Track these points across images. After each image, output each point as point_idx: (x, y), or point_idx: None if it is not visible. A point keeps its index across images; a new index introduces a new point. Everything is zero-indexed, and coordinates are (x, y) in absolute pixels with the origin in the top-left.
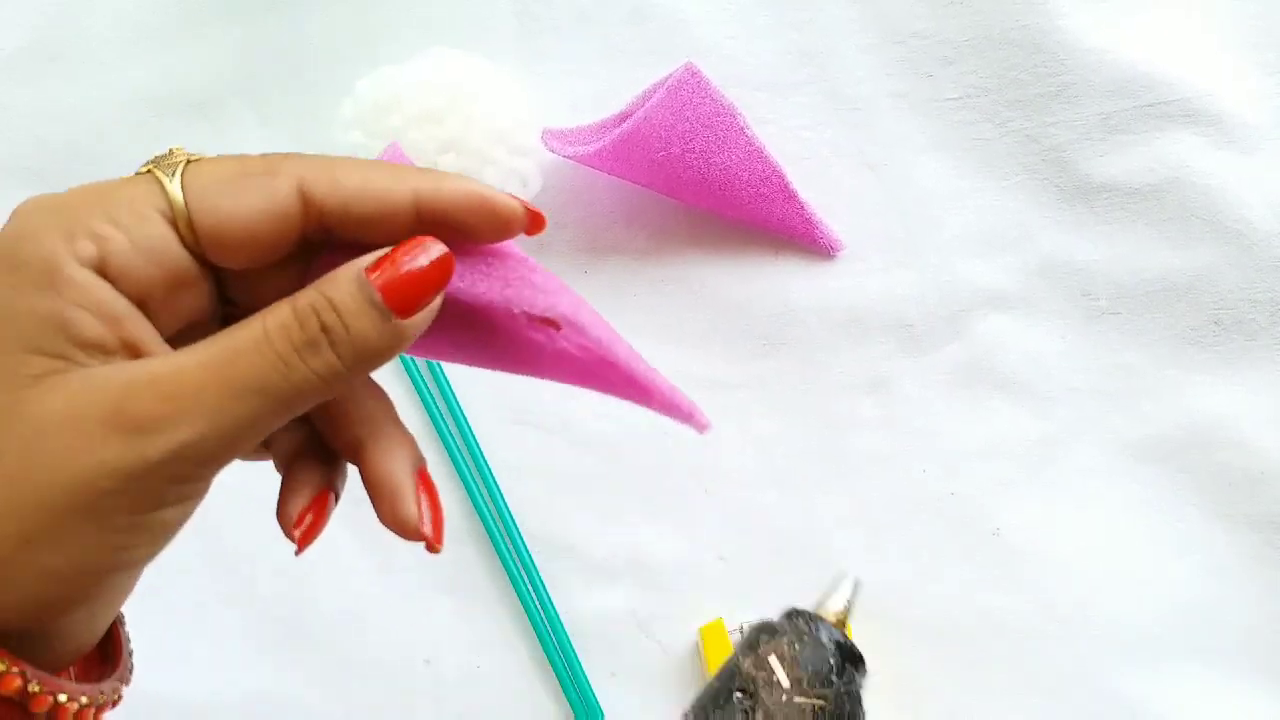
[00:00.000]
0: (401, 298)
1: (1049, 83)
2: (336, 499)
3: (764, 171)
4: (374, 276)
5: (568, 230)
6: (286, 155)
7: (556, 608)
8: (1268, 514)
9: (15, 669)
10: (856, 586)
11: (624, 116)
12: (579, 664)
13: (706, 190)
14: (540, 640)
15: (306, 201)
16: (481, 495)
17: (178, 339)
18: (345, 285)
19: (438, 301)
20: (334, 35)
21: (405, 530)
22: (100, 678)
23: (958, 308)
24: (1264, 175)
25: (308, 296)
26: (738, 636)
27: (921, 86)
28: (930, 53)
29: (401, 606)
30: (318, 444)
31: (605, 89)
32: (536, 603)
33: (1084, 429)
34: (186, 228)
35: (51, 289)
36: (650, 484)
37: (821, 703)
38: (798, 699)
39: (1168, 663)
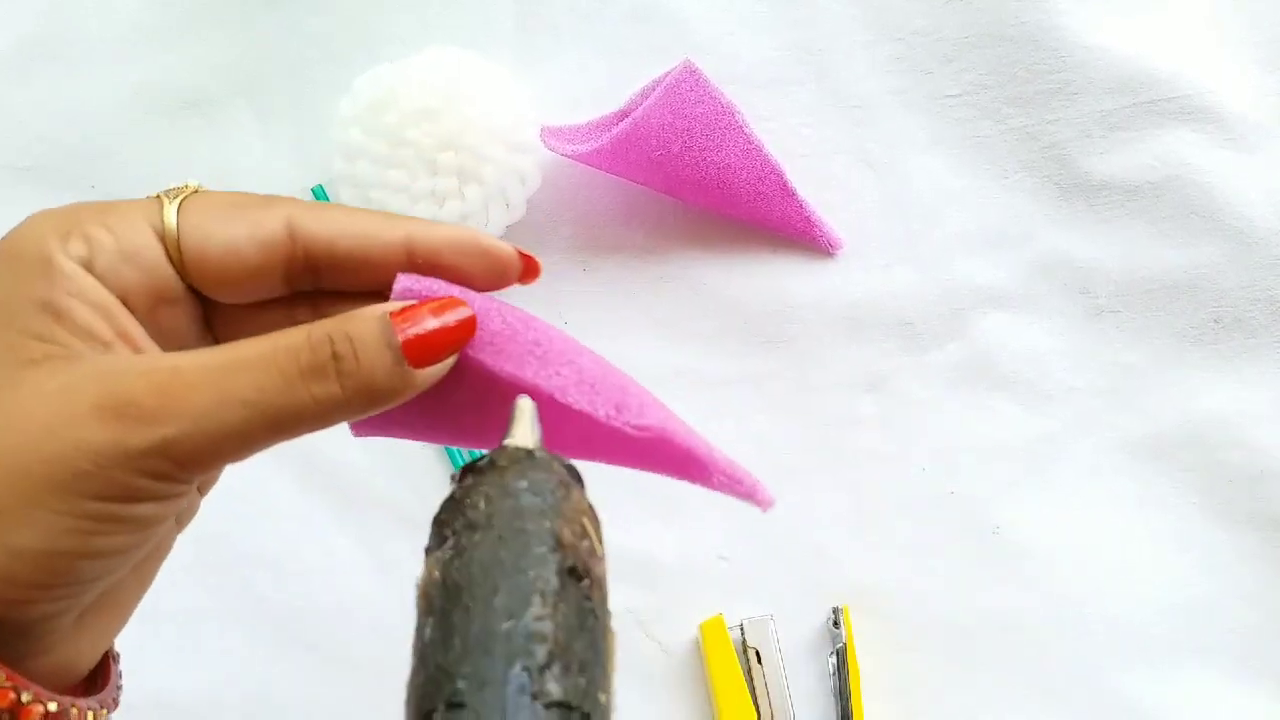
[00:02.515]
0: (420, 347)
1: (1049, 80)
2: None
3: (763, 169)
4: (398, 320)
5: (566, 228)
6: (288, 198)
7: None
8: (1268, 512)
9: (9, 683)
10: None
11: (623, 114)
12: None
13: (705, 188)
14: None
15: (293, 234)
16: None
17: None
18: (366, 320)
19: (451, 360)
20: (333, 34)
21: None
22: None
23: (957, 306)
24: (1264, 173)
25: (325, 325)
26: (738, 634)
27: (921, 84)
28: (929, 50)
29: (401, 606)
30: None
31: (604, 87)
32: None
33: (1084, 427)
34: (174, 246)
35: (44, 278)
36: (650, 484)
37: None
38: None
39: (1168, 662)
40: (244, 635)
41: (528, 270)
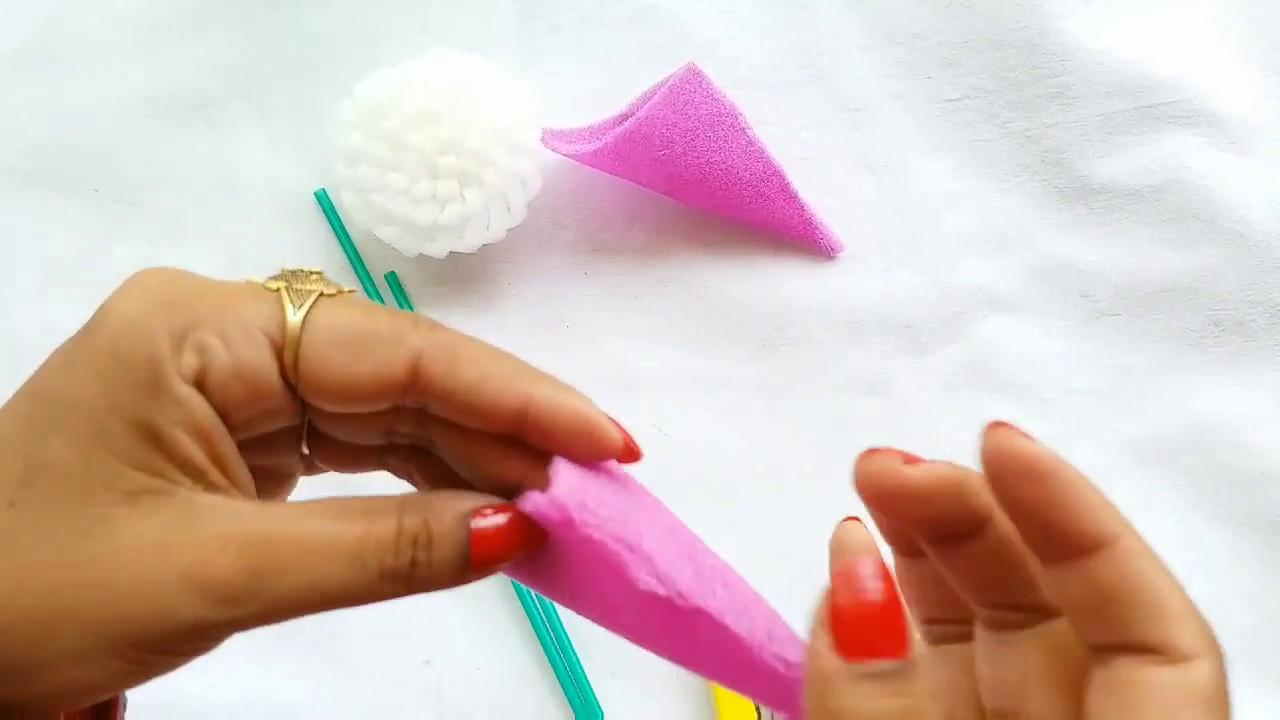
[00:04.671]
0: (487, 554)
1: (1048, 84)
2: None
3: (764, 172)
4: (475, 524)
5: (568, 230)
6: (416, 320)
7: (556, 608)
8: (1268, 514)
9: None
10: None
11: (624, 117)
12: (579, 664)
13: (707, 190)
14: (540, 640)
15: (416, 378)
16: None
17: (251, 445)
18: (448, 522)
19: (506, 565)
20: (334, 36)
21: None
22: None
23: (957, 309)
24: (1264, 176)
25: (414, 523)
26: None
27: (921, 87)
28: (930, 54)
29: (401, 606)
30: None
31: (605, 90)
32: (536, 603)
33: (1083, 430)
34: (291, 363)
35: (153, 399)
36: (650, 484)
37: None
38: None
39: None
40: (244, 636)
41: (628, 456)
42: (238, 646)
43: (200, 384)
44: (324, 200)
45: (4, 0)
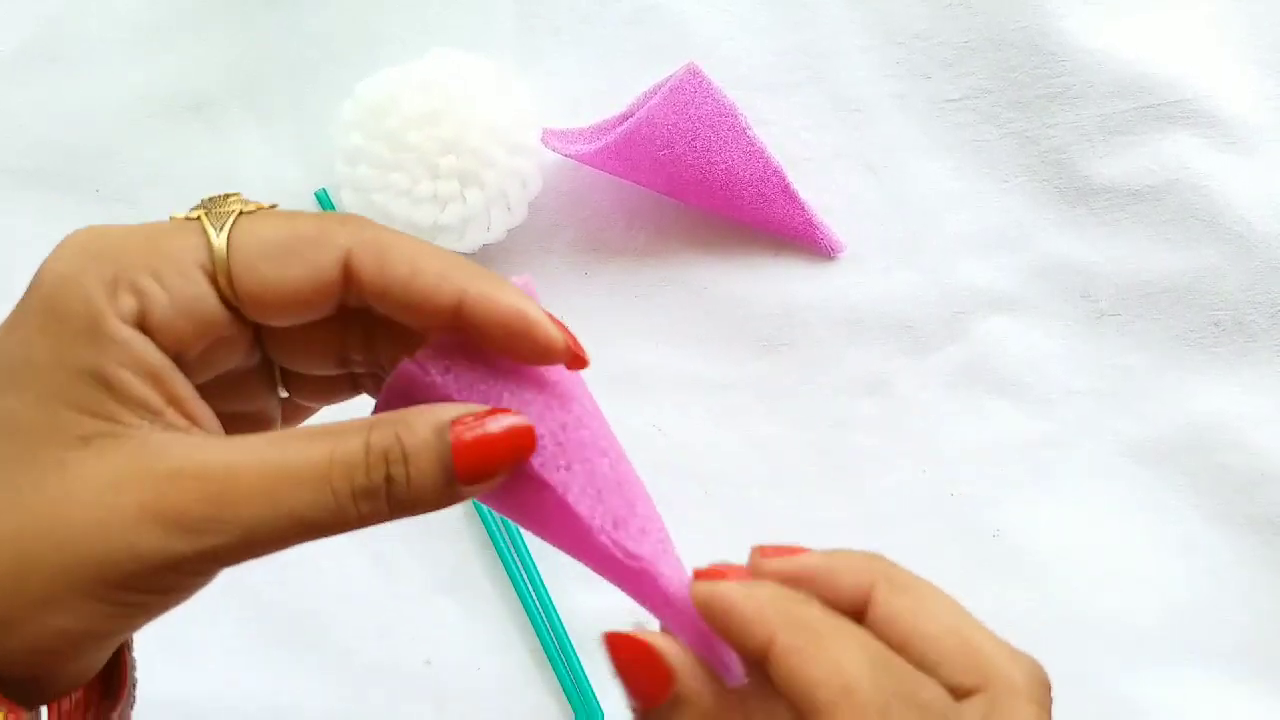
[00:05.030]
0: (473, 467)
1: (1049, 84)
2: None
3: (765, 172)
4: (455, 433)
5: (568, 231)
6: (342, 220)
7: (556, 608)
8: (1267, 515)
9: (13, 717)
10: None
11: (625, 117)
12: (579, 664)
13: (707, 190)
14: (540, 640)
15: (349, 277)
16: None
17: (211, 387)
18: (422, 435)
19: (500, 478)
20: (334, 36)
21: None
22: (101, 701)
23: (958, 309)
24: (1264, 177)
25: (383, 438)
26: None
27: (921, 88)
28: (930, 54)
29: (401, 606)
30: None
31: (605, 90)
32: (536, 603)
33: (1084, 430)
34: (227, 285)
35: (94, 345)
36: (650, 484)
37: None
38: None
39: (1168, 663)
40: (242, 635)
41: (574, 363)
42: (238, 646)
43: (143, 325)
44: (324, 200)
45: (4, 0)
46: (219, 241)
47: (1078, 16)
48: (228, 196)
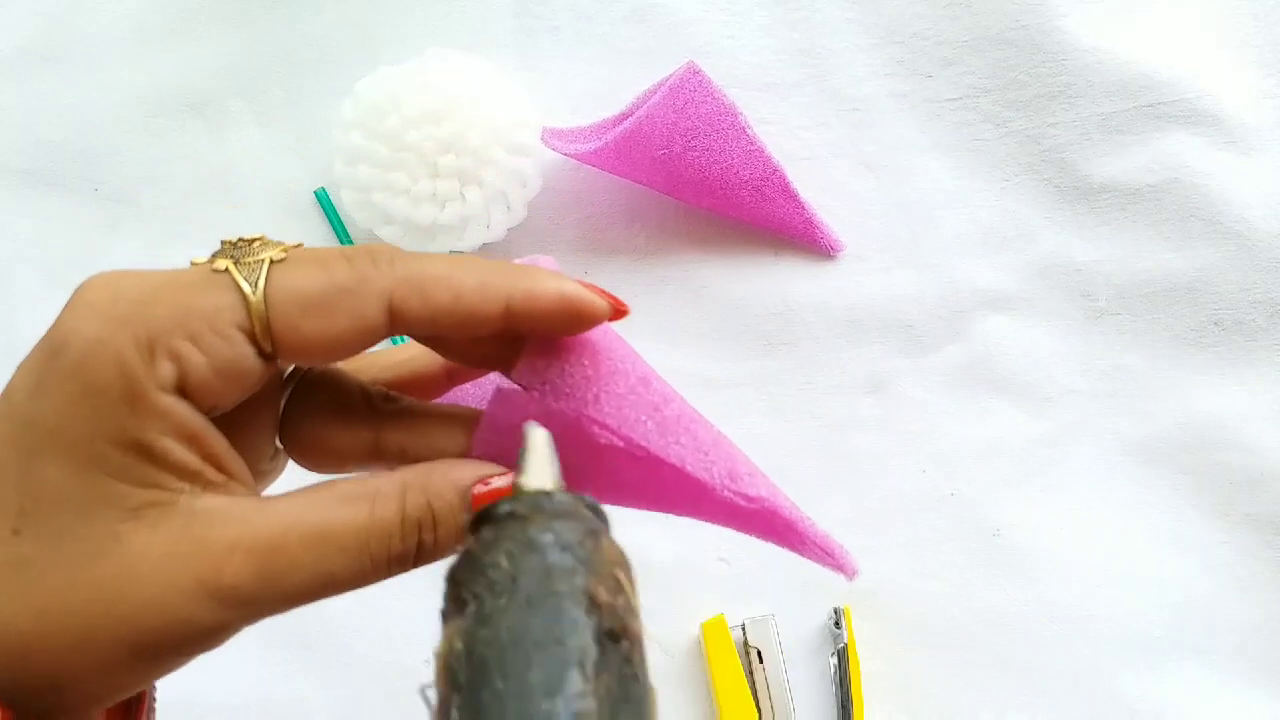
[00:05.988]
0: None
1: (1048, 83)
2: None
3: (764, 171)
4: (475, 494)
5: (568, 230)
6: (374, 258)
7: None
8: (1267, 514)
9: None
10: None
11: (624, 116)
12: None
13: (707, 189)
14: None
15: (393, 317)
16: None
17: (237, 411)
18: (449, 499)
19: None
20: (334, 36)
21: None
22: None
23: (958, 308)
24: (1264, 176)
25: (418, 507)
26: (740, 634)
27: (921, 87)
28: (930, 53)
29: (401, 606)
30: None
31: (605, 89)
32: None
33: (1084, 429)
34: (266, 339)
35: (135, 415)
36: None
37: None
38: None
39: (1167, 663)
40: (243, 635)
41: (616, 315)
42: (237, 646)
43: (181, 389)
44: (324, 199)
45: (4, 1)
46: (256, 298)
47: (1077, 16)
48: (252, 242)
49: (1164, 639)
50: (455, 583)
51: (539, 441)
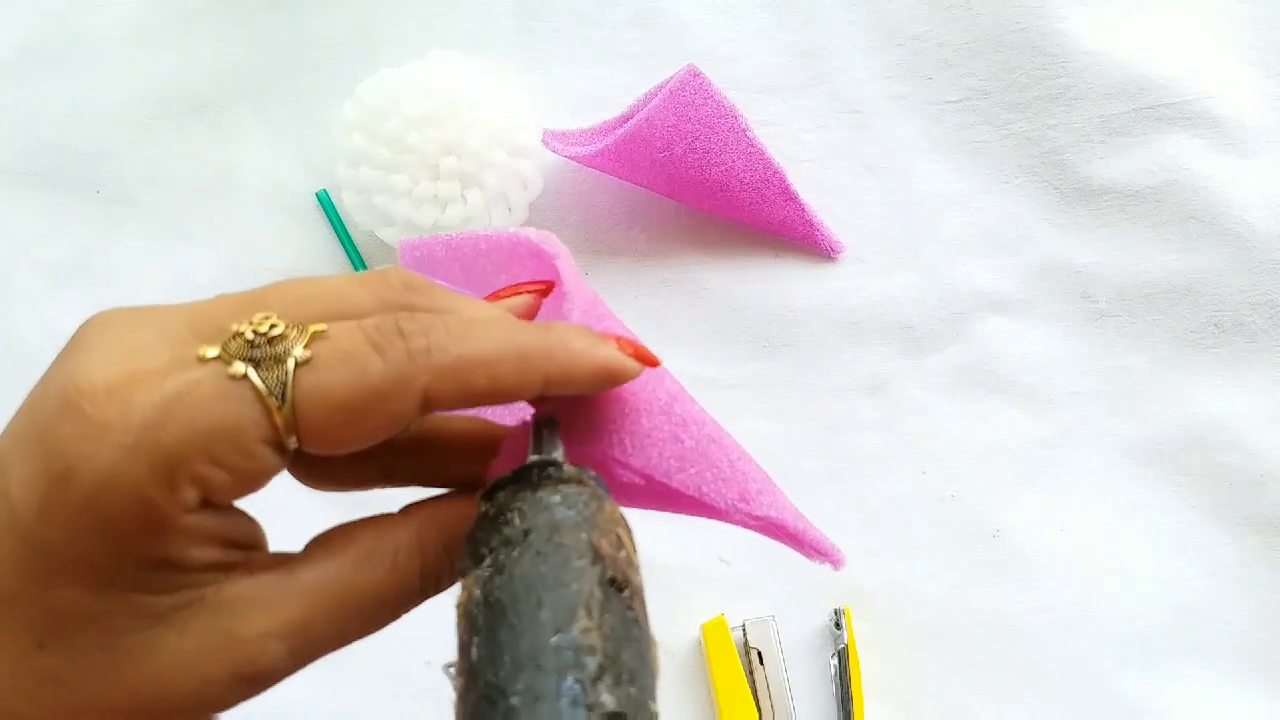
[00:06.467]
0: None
1: (1048, 85)
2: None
3: (765, 173)
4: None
5: (568, 232)
6: (408, 342)
7: None
8: (1267, 515)
9: None
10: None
11: (625, 119)
12: None
13: (708, 191)
14: None
15: (427, 407)
16: None
17: None
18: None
19: None
20: (334, 38)
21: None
22: None
23: (958, 310)
24: (1264, 178)
25: (437, 562)
26: (740, 634)
27: (921, 89)
28: (930, 55)
29: None
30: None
31: (605, 92)
32: None
33: (1084, 431)
34: (293, 443)
35: (159, 539)
36: None
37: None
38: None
39: (1168, 663)
40: None
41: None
42: None
43: (205, 502)
44: (325, 201)
45: (4, 0)
46: (285, 412)
47: (1077, 18)
48: (269, 332)
49: (1164, 639)
50: (474, 541)
51: (546, 424)
